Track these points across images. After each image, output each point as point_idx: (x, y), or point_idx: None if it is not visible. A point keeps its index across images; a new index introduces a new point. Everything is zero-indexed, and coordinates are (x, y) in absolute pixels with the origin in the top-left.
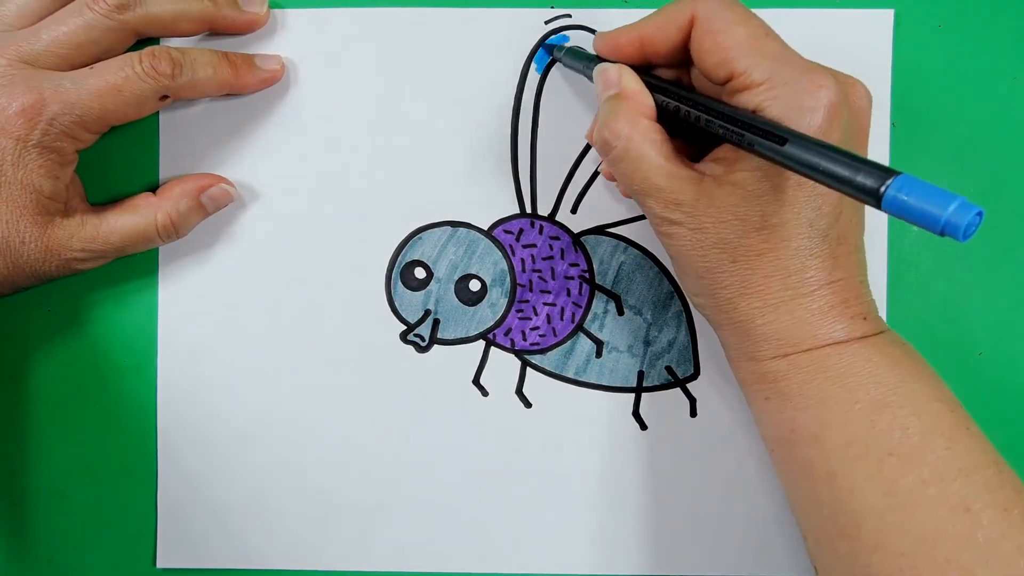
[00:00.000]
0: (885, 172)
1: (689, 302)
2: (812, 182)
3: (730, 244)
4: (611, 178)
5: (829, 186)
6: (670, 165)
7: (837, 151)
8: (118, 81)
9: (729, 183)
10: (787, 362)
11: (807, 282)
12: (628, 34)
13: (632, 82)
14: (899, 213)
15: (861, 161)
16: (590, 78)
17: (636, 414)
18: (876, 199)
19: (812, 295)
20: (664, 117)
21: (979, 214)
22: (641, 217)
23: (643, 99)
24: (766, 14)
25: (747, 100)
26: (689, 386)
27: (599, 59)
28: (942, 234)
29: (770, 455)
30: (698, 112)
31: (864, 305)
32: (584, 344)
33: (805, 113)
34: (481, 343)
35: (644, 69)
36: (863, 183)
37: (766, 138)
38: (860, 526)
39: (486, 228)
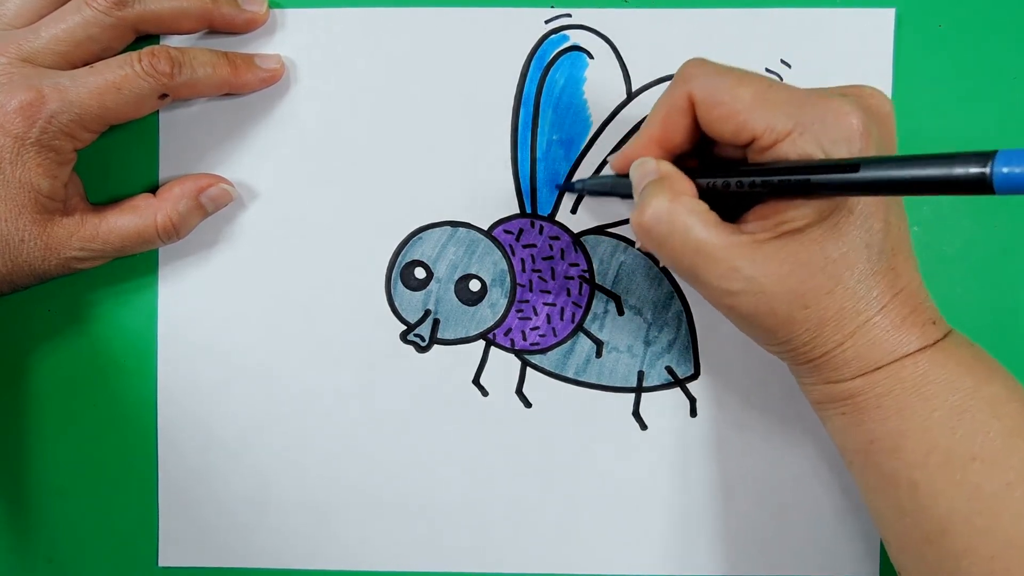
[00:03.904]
0: (980, 155)
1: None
2: (859, 206)
3: (797, 292)
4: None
5: (921, 193)
6: (719, 232)
7: (915, 157)
8: (117, 79)
9: (785, 235)
10: (864, 380)
11: (876, 300)
12: (640, 140)
13: (669, 167)
14: (1019, 187)
15: (946, 156)
16: (621, 195)
17: (636, 414)
18: (986, 184)
19: (883, 312)
20: (705, 199)
21: None
22: None
23: (681, 178)
24: (768, 14)
25: (781, 152)
26: (689, 386)
27: (620, 177)
28: None
29: (847, 466)
30: (751, 178)
31: (930, 309)
32: (584, 344)
33: (841, 145)
34: (481, 343)
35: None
36: (963, 174)
37: (837, 172)
38: (946, 532)
39: (486, 228)
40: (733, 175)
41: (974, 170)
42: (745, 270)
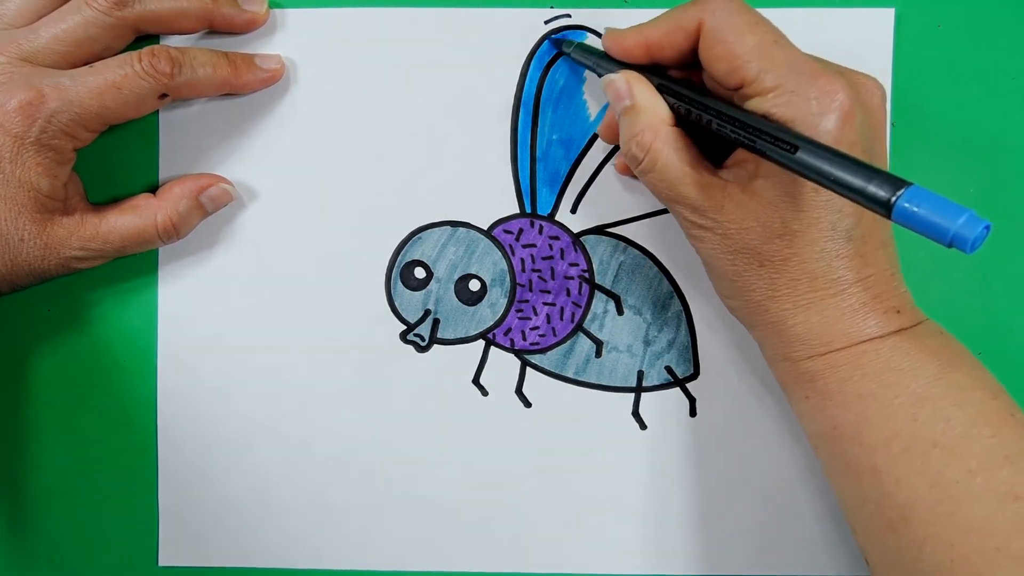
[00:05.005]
0: (896, 183)
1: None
2: None
3: (755, 250)
4: (624, 172)
5: (840, 194)
6: (695, 173)
7: (849, 159)
8: (117, 79)
9: (750, 190)
10: (823, 361)
11: (835, 283)
12: (635, 37)
13: (643, 94)
14: (908, 224)
15: (873, 170)
16: (599, 75)
17: (636, 414)
18: (886, 209)
19: (842, 294)
20: (681, 121)
21: (986, 228)
22: (641, 217)
23: (658, 108)
24: (767, 14)
25: (757, 107)
26: (689, 386)
27: (608, 57)
28: (950, 246)
29: (815, 452)
30: (710, 116)
31: (897, 298)
32: (584, 344)
33: (816, 119)
34: (481, 343)
35: (656, 69)
36: (874, 193)
37: (777, 145)
38: (908, 519)
39: (486, 228)
40: (696, 107)
41: (882, 193)
42: (711, 212)
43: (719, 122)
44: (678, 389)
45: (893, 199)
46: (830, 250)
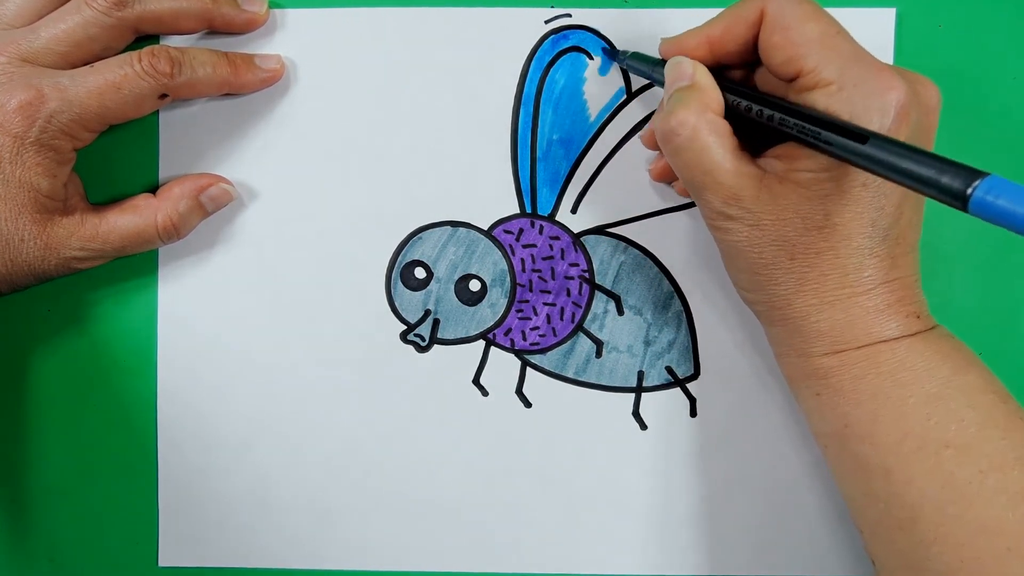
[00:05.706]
0: (972, 173)
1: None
2: (876, 182)
3: (789, 241)
4: (660, 178)
5: (910, 187)
6: (733, 159)
7: (920, 151)
8: (117, 79)
9: (792, 181)
10: (839, 359)
11: (864, 281)
12: (696, 36)
13: (704, 76)
14: (987, 215)
15: (946, 162)
16: (657, 82)
17: (636, 414)
18: (962, 201)
19: (868, 294)
20: (729, 117)
21: None
22: (641, 217)
23: (713, 93)
24: None
25: (815, 99)
26: (689, 386)
27: (664, 63)
28: None
29: (822, 452)
30: (771, 111)
31: (917, 304)
32: (584, 344)
33: (874, 114)
34: (481, 343)
35: (714, 71)
36: (948, 185)
37: (846, 137)
38: (918, 519)
39: (486, 228)
40: (757, 102)
41: (957, 184)
42: (746, 201)
43: (782, 115)
44: (678, 389)
45: (969, 190)
46: (865, 247)
